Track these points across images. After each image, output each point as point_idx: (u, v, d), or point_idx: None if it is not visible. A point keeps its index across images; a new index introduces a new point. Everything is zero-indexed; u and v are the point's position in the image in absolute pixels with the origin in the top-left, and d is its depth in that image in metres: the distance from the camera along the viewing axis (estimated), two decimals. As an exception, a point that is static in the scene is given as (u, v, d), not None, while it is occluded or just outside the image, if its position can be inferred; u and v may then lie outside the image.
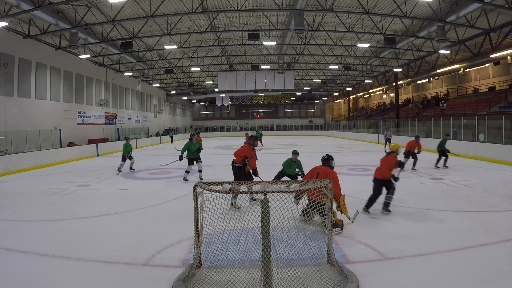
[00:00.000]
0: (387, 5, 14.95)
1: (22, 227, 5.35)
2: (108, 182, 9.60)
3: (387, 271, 3.61)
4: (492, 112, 18.35)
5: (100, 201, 7.20)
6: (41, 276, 3.58)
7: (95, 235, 4.89)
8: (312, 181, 4.21)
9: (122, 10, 14.00)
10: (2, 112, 14.78)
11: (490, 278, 3.39)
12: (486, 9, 14.43)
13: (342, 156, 15.85)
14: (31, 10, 12.29)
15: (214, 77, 31.54)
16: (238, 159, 6.61)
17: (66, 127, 19.02)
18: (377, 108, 39.83)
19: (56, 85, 19.19)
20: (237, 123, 50.43)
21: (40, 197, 7.66)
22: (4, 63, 14.81)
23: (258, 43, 18.65)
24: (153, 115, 35.76)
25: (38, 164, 13.24)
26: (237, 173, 6.63)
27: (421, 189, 7.88)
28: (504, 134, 13.22)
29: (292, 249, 3.64)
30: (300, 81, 37.23)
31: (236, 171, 6.65)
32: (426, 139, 18.66)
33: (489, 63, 20.99)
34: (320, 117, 52.89)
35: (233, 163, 6.70)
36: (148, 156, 17.90)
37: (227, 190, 3.25)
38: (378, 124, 28.62)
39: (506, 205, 6.23)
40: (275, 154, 17.78)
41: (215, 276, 3.41)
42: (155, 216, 5.99)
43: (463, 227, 5.00)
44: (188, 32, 17.75)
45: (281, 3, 14.49)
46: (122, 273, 3.64)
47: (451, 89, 27.11)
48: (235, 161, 6.65)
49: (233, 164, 6.71)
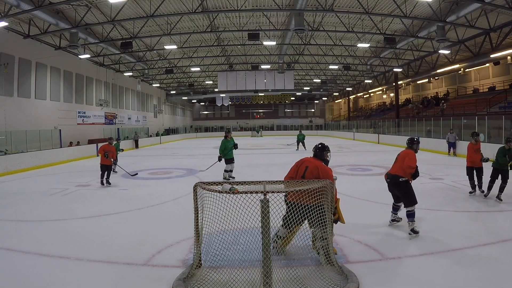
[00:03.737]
0: (387, 5, 14.94)
1: (22, 227, 5.34)
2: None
3: (387, 271, 3.61)
4: (492, 112, 18.34)
5: (100, 201, 7.20)
6: (41, 276, 3.58)
7: (95, 235, 4.88)
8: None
9: (122, 10, 14.00)
10: (2, 112, 14.78)
11: (490, 278, 3.39)
12: (486, 9, 14.43)
13: (342, 156, 15.86)
14: (31, 10, 12.29)
15: (214, 77, 31.54)
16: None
17: (66, 127, 19.01)
18: (377, 108, 39.82)
19: (56, 85, 19.19)
20: (237, 123, 50.42)
21: (40, 197, 7.66)
22: (4, 63, 14.80)
23: (258, 43, 18.65)
24: (153, 115, 35.76)
25: (38, 164, 13.23)
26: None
27: (421, 189, 7.85)
28: (504, 134, 13.21)
29: (292, 248, 3.64)
30: (300, 81, 37.23)
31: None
32: (426, 139, 18.70)
33: (489, 63, 20.97)
34: (320, 117, 52.91)
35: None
36: (148, 156, 17.90)
37: (227, 190, 3.24)
38: (378, 124, 28.63)
39: (506, 205, 6.22)
40: (275, 154, 17.79)
41: (215, 276, 3.41)
42: (155, 216, 5.99)
43: (463, 227, 4.99)
44: (188, 32, 17.75)
45: (281, 3, 14.49)
46: (122, 273, 3.64)
47: (451, 89, 27.10)
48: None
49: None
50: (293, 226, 3.66)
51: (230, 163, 9.32)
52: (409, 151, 5.00)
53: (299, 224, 3.66)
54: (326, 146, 4.21)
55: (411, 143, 5.08)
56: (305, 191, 3.48)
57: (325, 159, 4.17)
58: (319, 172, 3.91)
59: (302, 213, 3.55)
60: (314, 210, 3.53)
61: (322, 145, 4.22)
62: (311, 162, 4.06)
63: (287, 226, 3.68)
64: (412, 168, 4.76)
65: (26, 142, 13.76)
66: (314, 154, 4.22)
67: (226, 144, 9.24)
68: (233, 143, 9.43)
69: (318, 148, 4.20)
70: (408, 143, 5.12)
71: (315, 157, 4.18)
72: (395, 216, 5.18)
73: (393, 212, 5.19)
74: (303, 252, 3.99)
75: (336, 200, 3.94)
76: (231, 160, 9.34)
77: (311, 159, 4.15)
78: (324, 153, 4.16)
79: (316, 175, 3.88)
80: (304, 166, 4.04)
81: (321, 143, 4.28)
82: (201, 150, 22.06)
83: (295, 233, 3.86)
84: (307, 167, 4.00)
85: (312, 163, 4.02)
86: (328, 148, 4.21)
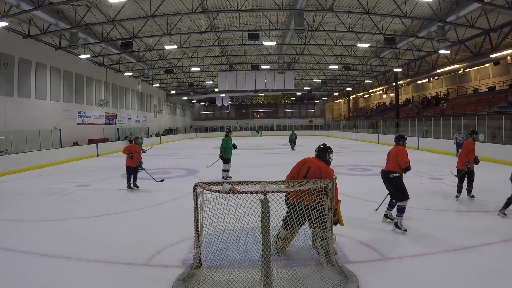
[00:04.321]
0: (387, 5, 14.94)
1: (22, 227, 5.34)
2: (108, 182, 9.60)
3: (387, 271, 3.61)
4: (492, 112, 18.34)
5: (100, 201, 7.20)
6: (41, 276, 3.58)
7: (95, 235, 4.89)
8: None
9: (122, 10, 14.00)
10: (2, 112, 14.78)
11: (490, 278, 3.39)
12: (486, 9, 14.42)
13: (342, 156, 15.85)
14: (31, 10, 12.29)
15: (214, 77, 31.54)
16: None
17: (66, 127, 19.01)
18: (377, 108, 39.84)
19: (56, 85, 19.18)
20: (237, 123, 50.44)
21: (40, 197, 7.66)
22: (4, 63, 14.81)
23: (258, 43, 18.64)
24: (153, 115, 35.76)
25: (38, 164, 13.23)
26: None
27: (421, 189, 7.87)
28: (504, 134, 13.22)
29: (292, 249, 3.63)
30: (300, 81, 37.23)
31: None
32: (425, 139, 18.71)
33: (489, 63, 20.98)
34: (320, 117, 52.92)
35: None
36: (148, 156, 17.88)
37: (227, 190, 3.24)
38: (378, 124, 28.63)
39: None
40: (275, 154, 17.78)
41: (215, 276, 3.41)
42: (155, 216, 5.99)
43: (463, 227, 4.99)
44: (188, 32, 17.75)
45: (281, 3, 14.48)
46: (122, 273, 3.64)
47: (451, 89, 27.11)
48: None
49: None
50: (294, 227, 3.63)
51: (228, 162, 9.45)
52: (400, 147, 5.15)
53: (300, 225, 3.65)
54: (329, 147, 4.17)
55: (401, 139, 5.27)
56: (306, 191, 3.47)
57: (327, 160, 4.12)
58: (321, 172, 3.87)
59: (303, 213, 3.55)
60: (314, 210, 3.53)
61: (324, 146, 4.17)
62: (314, 162, 4.02)
63: (288, 227, 3.65)
64: (408, 162, 4.97)
65: (26, 142, 13.76)
66: (316, 155, 4.18)
67: (228, 142, 9.40)
68: (233, 143, 9.62)
69: (321, 149, 4.15)
70: (398, 139, 5.30)
71: (317, 157, 4.14)
72: (388, 212, 5.30)
73: (388, 208, 5.32)
74: (303, 252, 3.99)
75: (337, 202, 3.89)
76: (229, 160, 9.47)
77: (313, 159, 4.09)
78: (327, 154, 4.12)
79: (319, 176, 3.87)
80: (306, 167, 4.00)
81: (324, 144, 4.23)
82: (201, 150, 22.06)
83: (295, 234, 3.86)
84: (309, 168, 3.96)
85: (315, 164, 3.98)
86: (331, 149, 4.17)
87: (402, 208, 4.85)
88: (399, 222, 4.86)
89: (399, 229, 4.81)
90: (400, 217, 4.86)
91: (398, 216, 4.86)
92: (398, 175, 4.96)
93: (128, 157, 8.23)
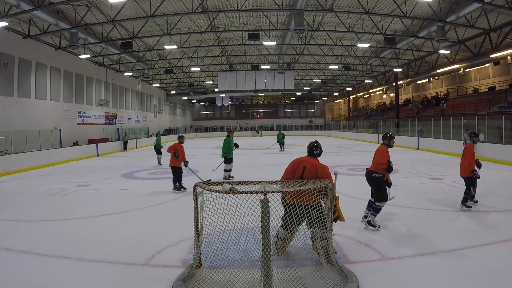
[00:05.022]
0: (387, 5, 14.94)
1: (22, 227, 5.34)
2: (108, 182, 9.60)
3: (387, 271, 3.61)
4: (492, 112, 18.34)
5: (100, 201, 7.19)
6: (41, 276, 3.58)
7: (95, 235, 4.88)
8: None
9: (122, 10, 14.00)
10: (2, 112, 14.78)
11: (490, 278, 3.39)
12: (486, 9, 14.42)
13: (342, 156, 15.85)
14: (31, 10, 12.29)
15: (214, 77, 31.55)
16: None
17: (66, 127, 19.01)
18: (377, 108, 39.83)
19: (56, 85, 19.19)
20: (237, 123, 50.43)
21: (40, 197, 7.66)
22: (4, 63, 14.81)
23: (258, 43, 18.65)
24: (153, 115, 35.76)
25: (38, 164, 13.23)
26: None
27: (421, 189, 7.87)
28: (504, 134, 13.21)
29: (292, 249, 3.63)
30: (300, 81, 37.23)
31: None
32: (425, 139, 18.71)
33: (489, 63, 20.96)
34: (320, 117, 52.93)
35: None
36: (148, 156, 17.88)
37: (227, 190, 3.24)
38: (378, 124, 28.62)
39: (506, 205, 6.22)
40: (275, 154, 17.78)
41: (215, 276, 3.41)
42: (155, 216, 5.99)
43: (463, 227, 4.99)
44: (188, 32, 17.75)
45: (281, 3, 14.49)
46: (122, 273, 3.64)
47: (451, 89, 27.10)
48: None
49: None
50: (292, 227, 3.62)
51: (230, 162, 9.50)
52: (381, 147, 5.15)
53: (299, 224, 3.65)
54: (319, 144, 4.21)
55: (385, 138, 5.21)
56: (304, 191, 3.47)
57: (316, 154, 4.16)
58: (317, 171, 3.92)
59: (302, 213, 3.55)
60: (313, 210, 3.54)
61: (317, 144, 4.21)
62: (309, 161, 4.03)
63: (287, 227, 3.65)
64: (382, 164, 4.93)
65: (26, 142, 13.77)
66: (308, 153, 4.20)
67: (230, 142, 9.46)
68: (235, 143, 9.75)
69: (313, 146, 4.17)
70: (383, 138, 5.27)
71: (310, 156, 4.16)
72: (367, 213, 5.05)
73: (367, 209, 5.09)
74: (303, 252, 4.00)
75: (336, 198, 3.90)
76: (231, 160, 9.54)
77: (307, 158, 4.11)
78: (315, 151, 4.16)
79: (315, 175, 3.90)
80: (302, 166, 4.00)
81: (316, 141, 4.26)
82: (201, 150, 22.04)
83: (294, 233, 3.87)
84: (305, 167, 3.98)
85: (310, 163, 4.00)
86: (320, 146, 4.20)
87: (378, 208, 4.92)
88: (372, 220, 4.93)
89: (373, 226, 4.89)
90: (374, 216, 4.94)
91: (372, 215, 4.94)
92: (380, 175, 4.95)
93: (173, 156, 7.77)
